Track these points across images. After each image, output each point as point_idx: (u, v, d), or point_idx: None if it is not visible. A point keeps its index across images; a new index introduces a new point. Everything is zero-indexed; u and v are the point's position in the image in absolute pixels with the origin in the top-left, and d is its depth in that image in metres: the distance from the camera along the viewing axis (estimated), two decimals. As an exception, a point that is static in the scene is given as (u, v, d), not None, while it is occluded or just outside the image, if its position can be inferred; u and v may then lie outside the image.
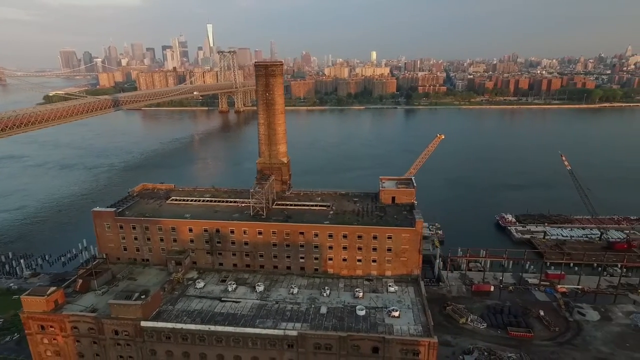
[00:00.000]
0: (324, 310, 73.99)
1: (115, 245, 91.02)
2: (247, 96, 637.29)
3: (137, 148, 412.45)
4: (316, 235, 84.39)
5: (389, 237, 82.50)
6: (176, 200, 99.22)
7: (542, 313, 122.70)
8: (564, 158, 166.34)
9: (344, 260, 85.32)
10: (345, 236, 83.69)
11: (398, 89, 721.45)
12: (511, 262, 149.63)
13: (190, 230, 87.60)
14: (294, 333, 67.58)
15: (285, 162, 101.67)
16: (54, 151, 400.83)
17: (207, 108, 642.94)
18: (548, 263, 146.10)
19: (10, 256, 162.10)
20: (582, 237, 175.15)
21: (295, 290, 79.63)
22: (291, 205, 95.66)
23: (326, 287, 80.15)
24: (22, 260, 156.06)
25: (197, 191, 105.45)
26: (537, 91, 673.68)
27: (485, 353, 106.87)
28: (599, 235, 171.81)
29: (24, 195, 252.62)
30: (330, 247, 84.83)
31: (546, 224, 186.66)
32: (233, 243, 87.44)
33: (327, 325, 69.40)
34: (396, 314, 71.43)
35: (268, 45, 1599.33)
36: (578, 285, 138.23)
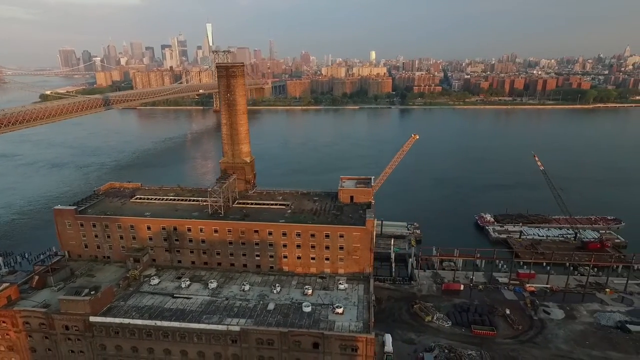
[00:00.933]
0: (271, 306, 75.62)
1: (76, 243, 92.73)
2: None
3: (130, 147, 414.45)
4: (270, 233, 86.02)
5: (341, 236, 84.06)
6: (140, 199, 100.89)
7: (507, 312, 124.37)
8: (536, 158, 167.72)
9: (298, 258, 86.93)
10: (298, 234, 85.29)
11: (394, 88, 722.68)
12: (484, 261, 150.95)
13: (149, 228, 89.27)
14: (237, 329, 69.23)
15: (248, 161, 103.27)
16: (46, 150, 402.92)
17: (202, 107, 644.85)
18: (522, 262, 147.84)
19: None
20: (557, 237, 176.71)
21: (247, 287, 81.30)
22: (251, 204, 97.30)
23: (277, 285, 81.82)
24: (0, 258, 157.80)
25: (162, 190, 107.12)
26: (532, 91, 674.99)
27: (446, 350, 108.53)
28: (574, 235, 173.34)
29: (12, 193, 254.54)
30: (285, 246, 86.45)
31: (522, 224, 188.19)
32: (190, 241, 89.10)
33: (271, 321, 71.03)
34: (340, 310, 73.02)
35: (267, 45, 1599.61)
36: (547, 284, 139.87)
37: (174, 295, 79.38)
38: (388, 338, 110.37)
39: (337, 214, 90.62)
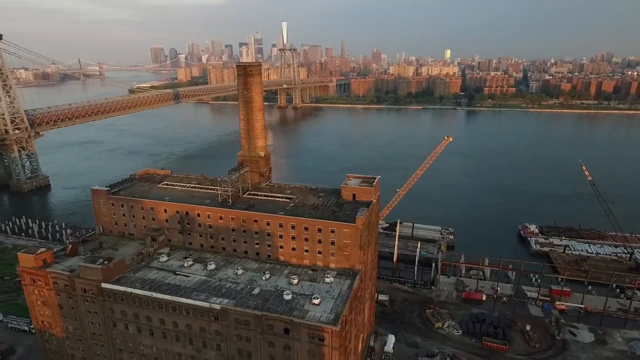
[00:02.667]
0: (256, 291, 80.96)
1: (108, 220, 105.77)
2: (306, 93, 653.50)
3: (197, 139, 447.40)
4: (268, 224, 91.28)
5: (332, 231, 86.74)
6: (166, 185, 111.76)
7: (527, 327, 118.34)
8: (584, 167, 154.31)
9: (293, 249, 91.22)
10: (293, 227, 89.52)
11: (464, 89, 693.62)
12: (514, 273, 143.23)
13: (165, 211, 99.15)
14: (218, 307, 75.56)
15: (262, 155, 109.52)
16: (127, 139, 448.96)
17: (267, 103, 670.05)
18: (560, 279, 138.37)
19: (63, 226, 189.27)
20: (609, 255, 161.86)
21: (240, 272, 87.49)
22: (260, 195, 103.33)
23: (267, 272, 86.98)
24: (69, 230, 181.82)
25: (187, 178, 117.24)
26: (624, 95, 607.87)
27: (448, 358, 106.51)
28: (629, 255, 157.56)
29: (92, 175, 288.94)
30: (281, 236, 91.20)
31: (571, 239, 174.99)
32: (199, 225, 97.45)
33: (251, 304, 76.30)
34: (316, 301, 76.14)
35: (339, 43, 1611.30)
36: (582, 304, 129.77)
37: (176, 272, 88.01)
38: (391, 339, 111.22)
39: (336, 210, 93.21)
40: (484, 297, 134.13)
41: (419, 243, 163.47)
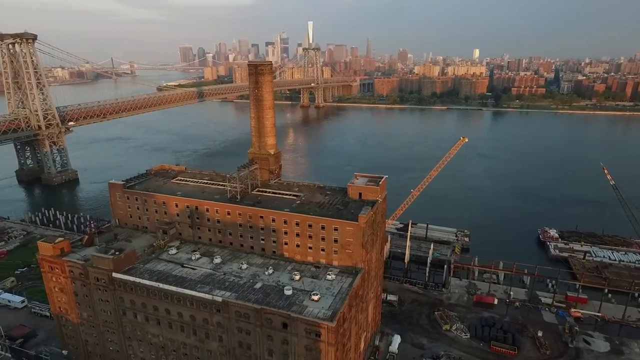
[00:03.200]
0: (258, 285, 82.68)
1: (123, 212, 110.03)
2: (328, 92, 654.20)
3: (220, 137, 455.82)
4: (273, 220, 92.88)
5: (335, 229, 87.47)
6: (179, 180, 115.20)
7: (539, 334, 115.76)
8: (606, 171, 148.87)
9: (297, 246, 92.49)
10: (297, 224, 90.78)
11: (491, 89, 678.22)
12: (529, 277, 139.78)
13: (177, 205, 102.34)
14: (220, 299, 77.70)
15: (272, 153, 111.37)
16: (154, 135, 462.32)
17: (290, 102, 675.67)
18: (578, 285, 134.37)
19: (88, 218, 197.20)
20: (635, 263, 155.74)
21: (244, 266, 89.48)
22: (268, 192, 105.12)
23: (270, 267, 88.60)
24: (92, 222, 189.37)
25: (200, 174, 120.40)
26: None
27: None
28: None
29: (119, 170, 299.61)
30: (285, 233, 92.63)
31: (592, 245, 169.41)
32: (208, 220, 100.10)
33: (251, 298, 78.04)
34: (315, 297, 77.11)
35: (365, 42, 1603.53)
36: (599, 312, 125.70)
37: (183, 265, 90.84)
38: (396, 339, 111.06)
39: (341, 209, 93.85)
40: (496, 301, 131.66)
41: (432, 244, 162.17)
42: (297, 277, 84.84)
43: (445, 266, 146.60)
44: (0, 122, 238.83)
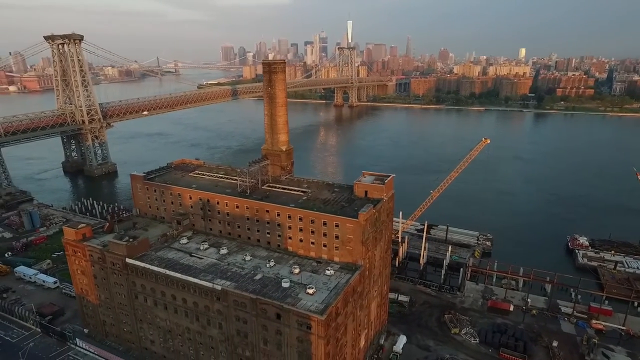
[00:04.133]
0: (258, 277, 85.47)
1: (143, 203, 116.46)
2: (363, 92, 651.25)
3: (254, 134, 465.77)
4: (278, 214, 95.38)
5: (337, 225, 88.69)
6: (196, 173, 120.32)
7: (554, 344, 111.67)
8: (639, 175, 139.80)
9: (300, 240, 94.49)
10: (300, 219, 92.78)
11: (534, 90, 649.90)
12: (550, 286, 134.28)
13: (190, 197, 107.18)
14: (219, 288, 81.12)
15: (284, 149, 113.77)
16: (191, 132, 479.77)
17: (325, 101, 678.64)
18: (604, 297, 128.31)
19: (122, 208, 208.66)
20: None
21: (248, 258, 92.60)
22: (278, 187, 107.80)
23: (272, 260, 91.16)
24: (114, 211, 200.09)
25: (217, 168, 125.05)
26: None
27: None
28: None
29: (155, 164, 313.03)
30: (290, 227, 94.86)
31: (618, 254, 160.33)
32: (219, 213, 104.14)
33: (249, 288, 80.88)
34: (311, 291, 78.80)
35: (405, 41, 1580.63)
36: (623, 325, 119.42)
37: (192, 254, 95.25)
38: (402, 339, 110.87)
39: (345, 206, 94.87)
40: (512, 308, 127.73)
41: (450, 247, 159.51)
42: (297, 271, 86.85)
43: (462, 269, 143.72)
44: (49, 116, 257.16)
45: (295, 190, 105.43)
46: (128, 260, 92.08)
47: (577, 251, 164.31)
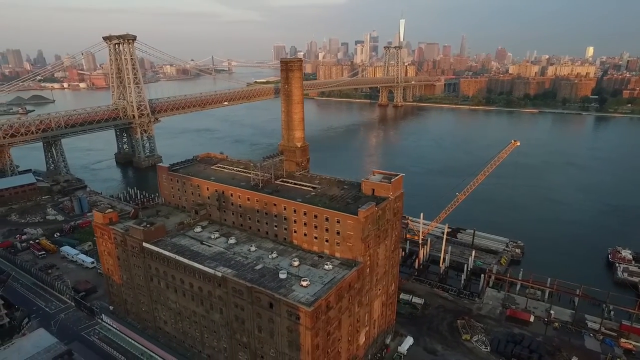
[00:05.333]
0: (258, 267, 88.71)
1: (168, 192, 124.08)
2: (409, 91, 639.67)
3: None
4: (285, 208, 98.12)
5: (338, 221, 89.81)
6: (218, 166, 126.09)
7: (573, 359, 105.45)
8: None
9: (305, 235, 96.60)
10: (305, 213, 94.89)
11: (598, 91, 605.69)
12: (577, 299, 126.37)
13: (207, 189, 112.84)
14: (220, 275, 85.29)
15: (299, 146, 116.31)
16: (236, 128, 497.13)
17: (369, 101, 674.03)
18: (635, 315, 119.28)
19: (144, 198, 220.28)
20: None
21: (253, 249, 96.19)
22: (290, 183, 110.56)
23: (275, 252, 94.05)
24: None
25: (238, 163, 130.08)
26: None
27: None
28: None
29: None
30: (295, 221, 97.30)
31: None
32: (232, 204, 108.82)
33: (247, 276, 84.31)
34: (304, 283, 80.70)
35: (459, 40, 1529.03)
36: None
37: (202, 242, 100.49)
38: (408, 340, 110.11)
39: (350, 203, 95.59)
40: (532, 319, 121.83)
41: (473, 252, 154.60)
42: (296, 264, 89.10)
43: (482, 276, 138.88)
44: (103, 111, 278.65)
45: (305, 186, 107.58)
46: (145, 244, 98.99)
47: (617, 265, 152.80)
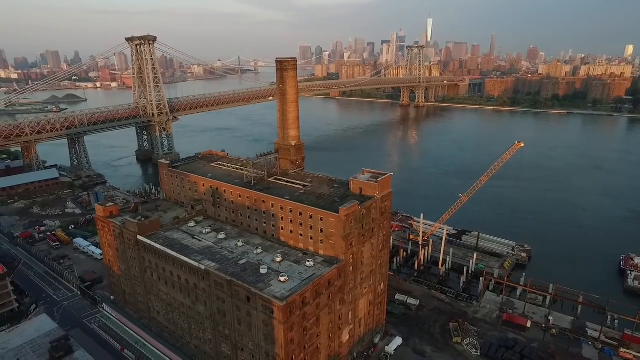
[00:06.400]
0: (242, 261, 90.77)
1: (168, 188, 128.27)
2: (432, 92, 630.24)
3: (315, 132, 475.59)
4: (273, 205, 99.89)
5: (321, 219, 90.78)
6: (217, 164, 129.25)
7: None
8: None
9: (291, 232, 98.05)
10: (291, 211, 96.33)
11: (633, 92, 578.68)
12: (580, 307, 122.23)
13: (203, 185, 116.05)
14: (203, 268, 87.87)
15: (294, 144, 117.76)
16: (256, 128, 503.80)
17: (391, 101, 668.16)
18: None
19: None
20: None
21: (240, 244, 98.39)
22: (282, 180, 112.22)
23: (260, 248, 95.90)
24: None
25: (236, 160, 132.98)
26: None
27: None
28: None
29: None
30: (282, 218, 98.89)
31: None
32: (225, 201, 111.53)
33: (229, 270, 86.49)
34: (282, 279, 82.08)
35: (489, 39, 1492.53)
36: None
37: (194, 236, 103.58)
38: (396, 341, 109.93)
39: (337, 201, 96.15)
40: (529, 324, 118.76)
41: (475, 254, 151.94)
42: (279, 259, 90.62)
43: (481, 279, 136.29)
44: (125, 109, 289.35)
45: (296, 184, 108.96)
46: (139, 237, 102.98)
47: (629, 272, 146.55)
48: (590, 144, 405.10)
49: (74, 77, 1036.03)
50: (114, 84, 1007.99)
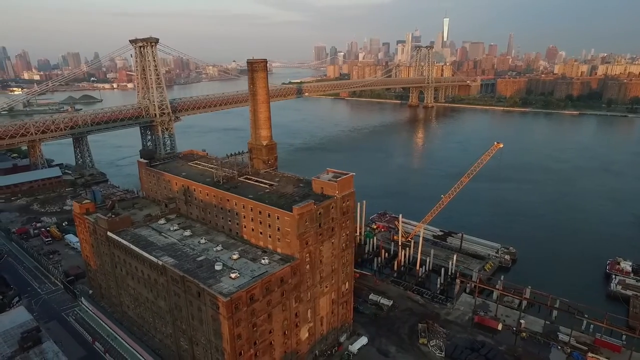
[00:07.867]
0: (200, 258, 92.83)
1: (147, 186, 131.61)
2: (441, 92, 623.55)
3: (321, 133, 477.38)
4: (236, 204, 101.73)
5: (277, 218, 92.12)
6: (194, 163, 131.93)
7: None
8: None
9: (252, 230, 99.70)
10: (251, 209, 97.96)
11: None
12: (556, 312, 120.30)
13: (176, 184, 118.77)
14: (160, 263, 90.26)
15: (265, 144, 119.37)
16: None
17: (400, 101, 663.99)
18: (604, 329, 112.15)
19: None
20: None
21: (203, 241, 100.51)
22: (252, 180, 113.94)
23: (220, 245, 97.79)
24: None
25: (213, 160, 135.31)
26: None
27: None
28: None
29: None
30: (244, 217, 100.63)
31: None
32: (195, 199, 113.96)
33: (184, 266, 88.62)
34: (233, 276, 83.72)
35: (507, 39, 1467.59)
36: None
37: (161, 233, 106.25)
38: (361, 340, 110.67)
39: (297, 200, 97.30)
40: (500, 327, 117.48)
41: (455, 256, 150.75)
42: (236, 257, 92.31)
43: (458, 281, 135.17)
44: (128, 109, 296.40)
45: (264, 183, 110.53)
46: (109, 233, 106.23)
47: (613, 276, 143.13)
48: (601, 145, 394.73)
49: (92, 79, 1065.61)
50: (129, 85, 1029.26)
